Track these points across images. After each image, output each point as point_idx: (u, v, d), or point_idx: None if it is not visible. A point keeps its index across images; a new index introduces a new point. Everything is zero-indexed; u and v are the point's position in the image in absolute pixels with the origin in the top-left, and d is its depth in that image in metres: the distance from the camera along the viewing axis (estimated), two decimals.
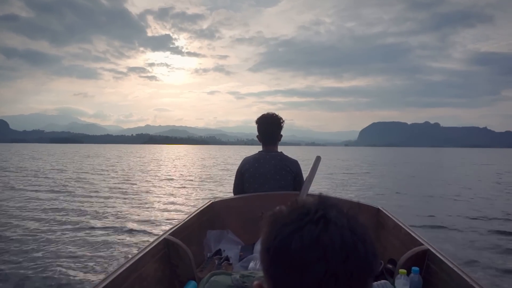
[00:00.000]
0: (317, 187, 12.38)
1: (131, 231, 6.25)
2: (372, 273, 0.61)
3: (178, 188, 12.79)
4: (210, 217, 2.73)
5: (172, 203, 9.42)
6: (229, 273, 1.51)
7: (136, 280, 1.70)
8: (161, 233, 2.14)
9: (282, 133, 2.90)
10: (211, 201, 2.85)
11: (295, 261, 0.58)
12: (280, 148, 2.92)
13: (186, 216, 2.51)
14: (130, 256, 1.78)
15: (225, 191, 11.63)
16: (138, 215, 7.62)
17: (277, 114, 2.84)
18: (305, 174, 2.82)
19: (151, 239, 2.08)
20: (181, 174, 18.51)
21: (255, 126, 2.87)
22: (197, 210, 2.64)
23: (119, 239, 5.73)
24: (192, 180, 15.41)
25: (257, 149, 2.96)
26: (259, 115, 2.87)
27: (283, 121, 2.84)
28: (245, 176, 2.81)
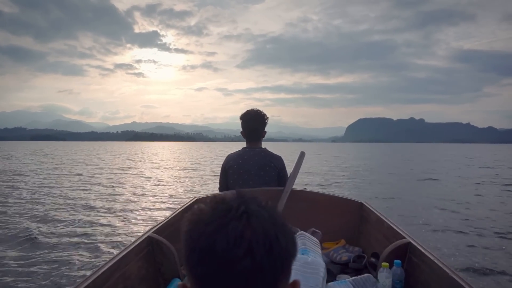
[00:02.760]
0: (301, 181, 12.46)
1: (113, 229, 6.18)
2: (292, 260, 0.64)
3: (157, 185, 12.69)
4: None
5: (153, 202, 9.36)
6: None
7: (120, 278, 1.67)
8: (145, 230, 2.11)
9: (269, 129, 2.89)
10: (196, 198, 2.83)
11: (222, 259, 0.59)
12: (267, 145, 2.92)
13: (170, 213, 2.48)
14: (113, 254, 1.76)
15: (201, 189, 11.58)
16: (120, 213, 7.54)
17: (261, 110, 2.83)
18: (289, 170, 2.82)
19: (135, 237, 2.06)
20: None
21: None
22: (181, 207, 2.60)
23: (101, 238, 5.66)
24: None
25: (244, 145, 2.95)
26: None
27: (267, 117, 2.83)
28: (229, 173, 2.80)
